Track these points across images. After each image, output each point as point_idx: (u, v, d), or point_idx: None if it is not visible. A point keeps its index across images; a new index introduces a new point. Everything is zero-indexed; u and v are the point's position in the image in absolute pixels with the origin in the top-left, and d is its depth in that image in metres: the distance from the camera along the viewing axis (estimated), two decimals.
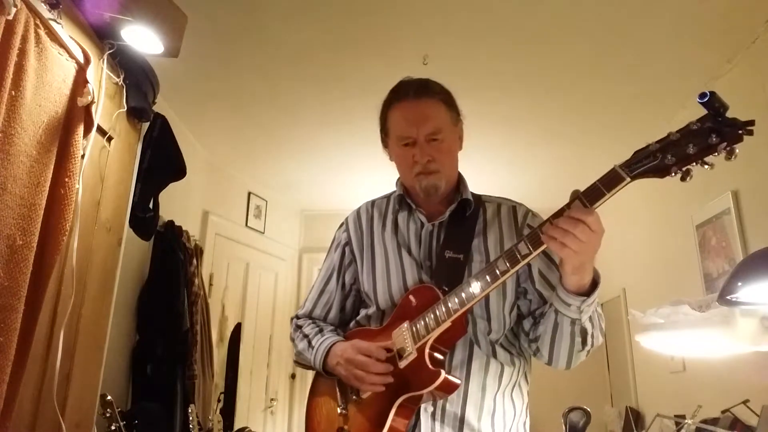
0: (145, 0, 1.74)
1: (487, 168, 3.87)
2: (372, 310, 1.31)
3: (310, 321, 1.40)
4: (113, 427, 1.90)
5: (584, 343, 1.15)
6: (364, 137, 3.33)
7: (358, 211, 1.44)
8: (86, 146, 1.63)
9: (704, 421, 2.24)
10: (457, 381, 1.13)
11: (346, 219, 1.45)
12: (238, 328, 3.61)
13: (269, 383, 4.25)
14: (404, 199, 1.35)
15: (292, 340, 1.42)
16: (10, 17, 1.27)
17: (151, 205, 2.31)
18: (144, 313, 2.77)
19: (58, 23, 1.48)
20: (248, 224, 4.23)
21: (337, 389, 1.26)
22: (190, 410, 2.58)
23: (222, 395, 3.26)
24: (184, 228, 3.08)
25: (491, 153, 3.65)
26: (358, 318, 1.35)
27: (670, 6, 2.22)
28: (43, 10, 1.43)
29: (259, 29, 2.44)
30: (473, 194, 1.35)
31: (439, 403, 1.17)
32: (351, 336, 1.30)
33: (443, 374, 1.09)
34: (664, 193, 3.24)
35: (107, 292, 1.86)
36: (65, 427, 1.55)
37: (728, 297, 1.52)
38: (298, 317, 1.45)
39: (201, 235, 3.62)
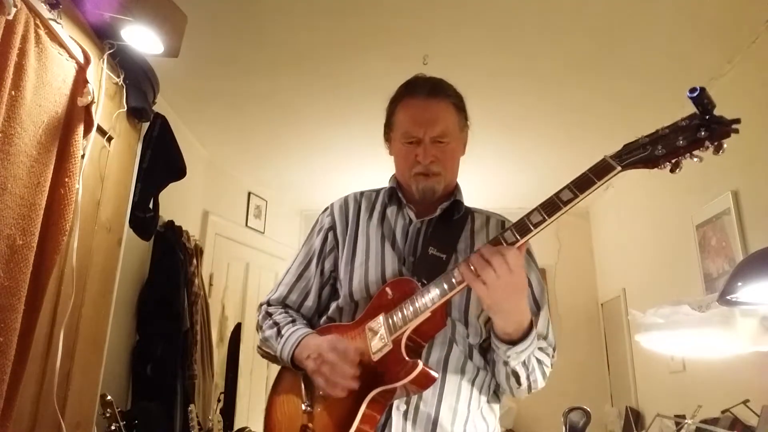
0: (145, 0, 1.74)
1: (486, 167, 3.87)
2: (343, 301, 1.24)
3: (282, 309, 1.32)
4: (113, 427, 1.90)
5: (519, 383, 1.14)
6: (364, 137, 3.33)
7: (345, 199, 1.39)
8: (86, 146, 1.63)
9: (704, 421, 2.23)
10: (435, 374, 1.05)
11: (332, 204, 1.40)
12: (238, 328, 3.60)
13: (269, 383, 4.22)
14: (396, 192, 1.32)
15: (260, 327, 1.32)
16: (10, 17, 1.27)
17: (151, 205, 2.31)
18: (144, 313, 2.77)
19: (58, 23, 1.48)
20: (248, 224, 4.23)
21: (302, 384, 1.18)
22: (190, 410, 2.58)
23: (222, 395, 3.26)
24: (184, 228, 3.08)
25: (491, 152, 3.65)
26: (329, 313, 1.28)
27: (670, 6, 2.22)
28: (43, 10, 1.43)
29: (259, 29, 2.43)
30: (465, 206, 1.33)
31: (413, 402, 1.12)
32: (323, 332, 1.23)
33: (421, 364, 1.02)
34: (663, 193, 3.24)
35: (107, 292, 1.86)
36: (65, 427, 1.55)
37: (728, 297, 1.52)
38: (269, 303, 1.35)
39: (201, 235, 3.62)
